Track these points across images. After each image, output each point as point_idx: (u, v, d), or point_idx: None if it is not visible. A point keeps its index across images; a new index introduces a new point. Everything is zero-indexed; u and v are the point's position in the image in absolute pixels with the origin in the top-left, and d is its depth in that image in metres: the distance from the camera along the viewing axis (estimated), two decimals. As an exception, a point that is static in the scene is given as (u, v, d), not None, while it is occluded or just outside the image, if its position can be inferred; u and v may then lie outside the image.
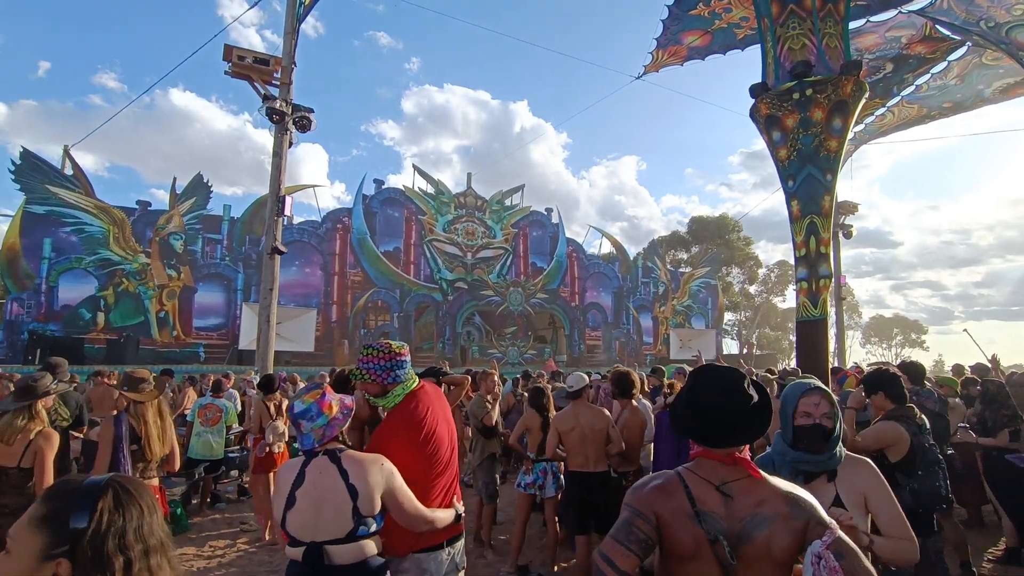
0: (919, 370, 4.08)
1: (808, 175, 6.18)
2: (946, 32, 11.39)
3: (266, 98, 8.73)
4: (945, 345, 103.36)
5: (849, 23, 6.78)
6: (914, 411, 2.84)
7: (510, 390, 7.08)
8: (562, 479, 4.23)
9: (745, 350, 34.12)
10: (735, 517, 1.22)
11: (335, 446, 1.85)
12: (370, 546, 1.79)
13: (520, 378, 7.90)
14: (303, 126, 9.02)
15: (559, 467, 4.28)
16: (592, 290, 25.27)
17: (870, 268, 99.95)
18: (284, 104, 8.77)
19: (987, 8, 10.15)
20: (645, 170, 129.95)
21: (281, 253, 8.88)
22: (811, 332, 6.49)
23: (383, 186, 21.53)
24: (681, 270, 29.76)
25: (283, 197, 8.86)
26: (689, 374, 1.44)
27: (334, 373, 6.48)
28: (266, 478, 5.07)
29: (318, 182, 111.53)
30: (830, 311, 6.98)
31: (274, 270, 8.81)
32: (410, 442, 2.05)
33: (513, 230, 23.51)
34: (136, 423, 3.24)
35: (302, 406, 1.83)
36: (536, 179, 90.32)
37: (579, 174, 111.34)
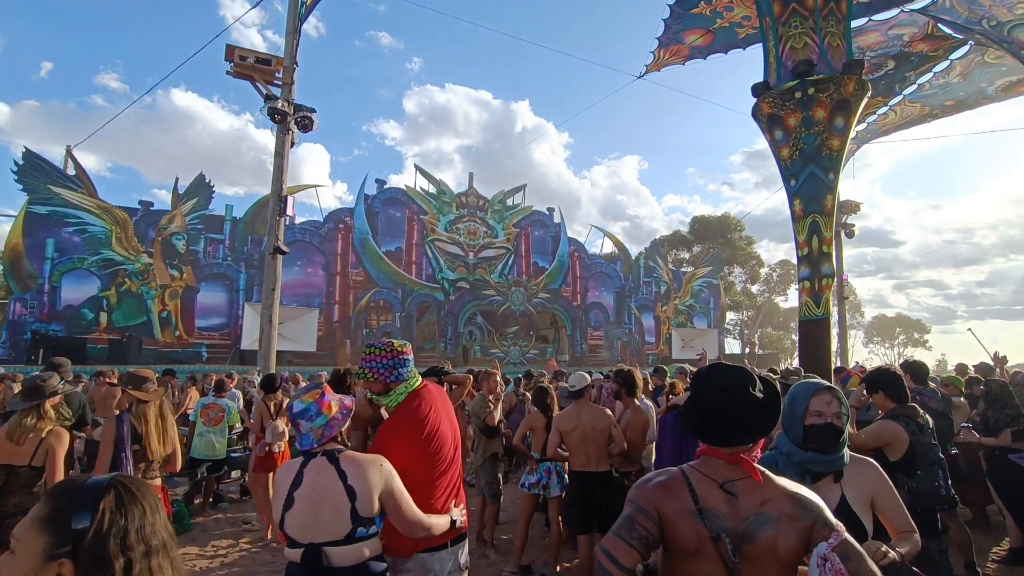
0: (922, 369, 4.07)
1: (810, 174, 6.17)
2: (948, 31, 11.35)
3: (268, 98, 8.73)
4: (948, 344, 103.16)
5: (851, 22, 6.77)
6: (916, 410, 2.82)
7: (511, 390, 7.07)
8: (566, 479, 4.23)
9: (747, 350, 34.04)
10: (739, 516, 1.21)
11: (334, 447, 1.84)
12: (370, 548, 1.77)
13: (522, 378, 7.89)
14: (305, 126, 9.03)
15: (563, 467, 4.28)
16: (594, 290, 25.26)
17: (872, 267, 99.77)
18: (286, 104, 8.77)
19: (989, 7, 10.10)
20: (647, 169, 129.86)
21: (283, 253, 8.89)
22: (813, 331, 6.48)
23: (385, 186, 21.55)
24: (683, 270, 29.74)
25: (285, 197, 8.87)
26: (695, 374, 1.44)
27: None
28: (266, 478, 5.08)
29: (320, 182, 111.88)
30: (832, 310, 6.96)
31: (276, 270, 8.82)
32: (413, 440, 2.05)
33: (515, 230, 23.52)
34: (137, 423, 3.25)
35: (301, 406, 1.82)
36: (538, 179, 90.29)
37: (581, 174, 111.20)
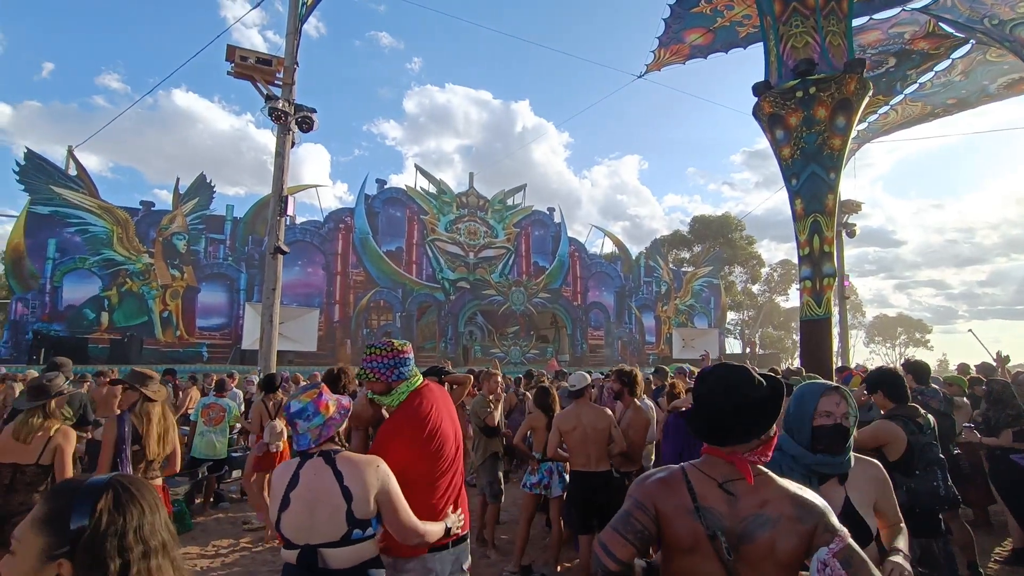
0: (924, 369, 4.05)
1: (812, 173, 6.16)
2: (950, 30, 11.32)
3: (269, 98, 8.73)
4: (949, 344, 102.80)
5: (852, 20, 6.76)
6: (916, 410, 2.80)
7: (511, 390, 7.07)
8: (567, 479, 4.22)
9: (748, 350, 34.03)
10: (738, 516, 1.21)
11: (331, 447, 1.83)
12: (366, 550, 1.74)
13: (523, 378, 7.89)
14: (305, 126, 9.02)
15: (565, 467, 4.28)
16: (594, 289, 25.26)
17: (873, 267, 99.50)
18: (286, 104, 8.77)
19: (991, 5, 10.07)
20: (647, 169, 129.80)
21: (284, 253, 8.89)
22: (815, 331, 6.48)
23: (385, 186, 21.56)
24: (684, 269, 29.72)
25: (286, 197, 8.87)
26: (697, 374, 1.45)
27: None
28: (263, 477, 5.08)
29: (320, 182, 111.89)
30: (833, 310, 6.95)
31: (277, 270, 8.82)
32: (414, 439, 2.05)
33: (515, 230, 23.52)
34: (139, 422, 3.24)
35: (298, 405, 1.81)
36: (538, 179, 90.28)
37: (581, 173, 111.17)
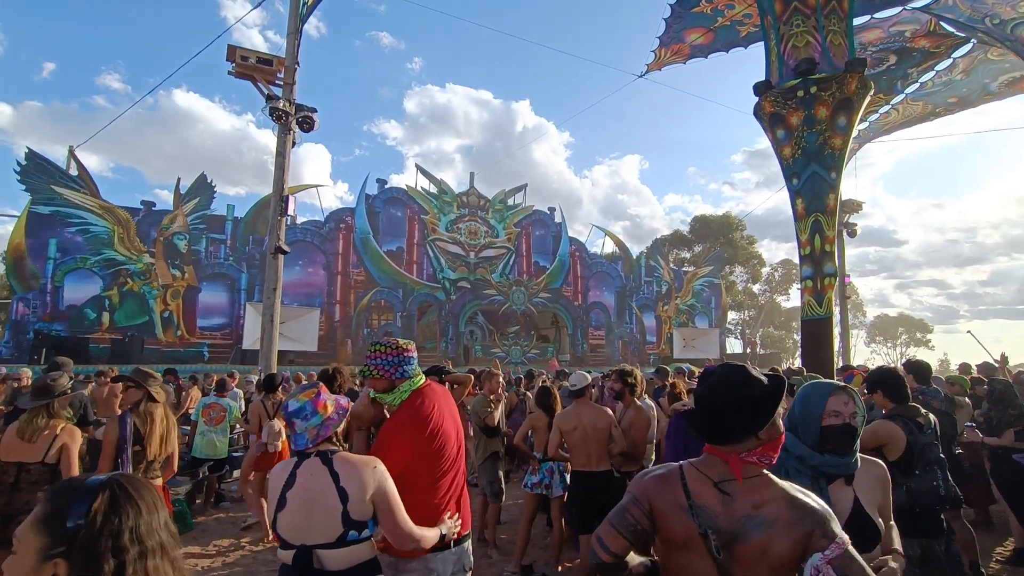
0: (925, 369, 4.04)
1: (813, 173, 6.16)
2: (951, 29, 11.31)
3: (269, 98, 8.73)
4: (951, 344, 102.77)
5: (853, 20, 6.75)
6: (916, 410, 2.79)
7: (512, 390, 7.07)
8: (568, 479, 4.22)
9: (749, 350, 34.03)
10: (733, 516, 1.21)
11: (328, 447, 1.82)
12: (363, 552, 1.73)
13: (523, 378, 7.89)
14: (306, 126, 9.02)
15: (566, 467, 4.27)
16: (595, 289, 25.24)
17: (874, 267, 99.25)
18: (287, 104, 8.77)
19: (992, 5, 10.06)
20: (647, 169, 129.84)
21: (284, 253, 8.90)
22: (816, 331, 6.47)
23: (386, 186, 21.56)
24: (684, 269, 29.70)
25: (286, 197, 8.87)
26: (700, 374, 1.47)
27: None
28: (262, 477, 5.07)
29: (321, 182, 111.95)
30: (834, 310, 6.94)
31: (277, 270, 8.83)
32: (416, 438, 2.05)
33: (516, 229, 23.51)
34: (141, 422, 3.24)
35: (296, 405, 1.80)
36: (538, 178, 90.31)
37: (581, 173, 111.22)
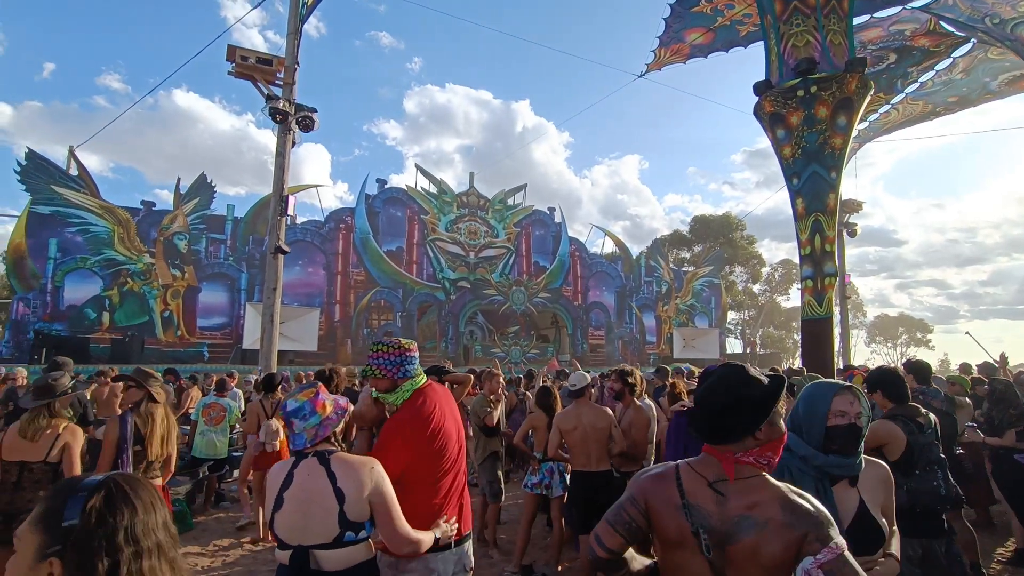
0: (925, 369, 4.04)
1: (813, 173, 6.15)
2: (951, 28, 11.30)
3: (269, 98, 8.73)
4: (951, 344, 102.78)
5: (853, 19, 6.74)
6: (916, 410, 2.79)
7: (512, 389, 7.07)
8: (568, 479, 4.22)
9: (749, 349, 34.03)
10: (726, 516, 1.21)
11: (326, 447, 1.81)
12: (359, 553, 1.72)
13: (523, 377, 7.89)
14: (306, 126, 9.02)
15: (566, 467, 4.27)
16: (595, 289, 25.24)
17: (875, 267, 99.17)
18: (287, 104, 8.77)
19: (992, 4, 10.05)
20: (647, 169, 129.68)
21: (284, 253, 8.89)
22: (816, 330, 6.47)
23: (386, 186, 21.55)
24: (684, 269, 29.70)
25: (286, 197, 8.87)
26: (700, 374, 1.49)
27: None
28: (261, 476, 5.07)
29: (321, 182, 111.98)
30: (835, 310, 6.94)
31: (277, 270, 8.83)
32: (417, 438, 2.05)
33: (516, 229, 23.51)
34: (142, 422, 3.24)
35: (295, 404, 1.79)
36: (538, 178, 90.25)
37: (581, 173, 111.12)
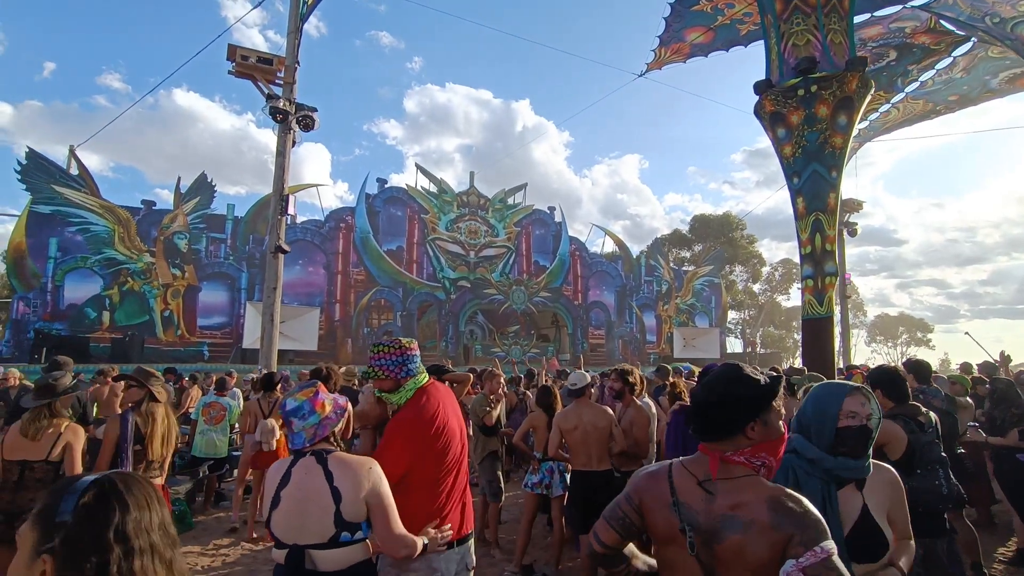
0: (925, 369, 4.03)
1: (813, 172, 6.14)
2: (951, 27, 11.29)
3: (270, 97, 8.74)
4: (951, 343, 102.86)
5: (854, 18, 6.73)
6: (916, 409, 2.78)
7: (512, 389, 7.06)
8: (568, 479, 4.21)
9: (749, 349, 34.01)
10: (712, 514, 1.22)
11: (324, 447, 1.81)
12: (356, 553, 1.71)
13: (523, 377, 7.88)
14: (306, 125, 9.03)
15: (566, 467, 4.27)
16: (595, 288, 25.23)
17: (875, 266, 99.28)
18: (287, 103, 8.78)
19: (992, 4, 10.04)
20: (647, 168, 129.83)
21: (284, 252, 8.90)
22: (817, 330, 6.46)
23: (386, 185, 21.54)
24: (684, 268, 29.68)
25: (286, 196, 8.87)
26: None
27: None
28: (259, 475, 5.08)
29: (321, 181, 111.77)
30: (835, 309, 6.93)
31: (277, 269, 8.83)
32: (422, 437, 2.05)
33: (516, 229, 23.49)
34: (143, 421, 3.24)
35: (294, 403, 1.79)
36: (538, 178, 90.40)
37: (581, 173, 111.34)
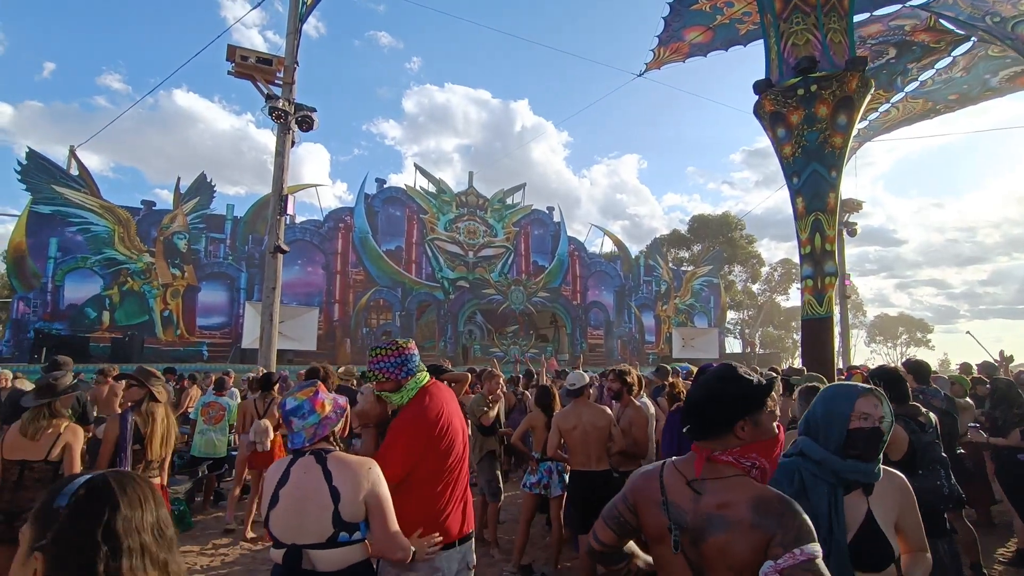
0: (925, 369, 4.03)
1: (813, 172, 6.14)
2: (951, 27, 11.29)
3: (269, 97, 8.74)
4: (951, 344, 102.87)
5: (853, 18, 6.73)
6: (917, 409, 2.79)
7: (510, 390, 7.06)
8: (567, 479, 4.21)
9: (748, 349, 34.00)
10: (700, 513, 1.23)
11: (324, 446, 1.81)
12: (354, 554, 1.71)
13: (523, 377, 7.88)
14: (306, 125, 9.03)
15: (564, 467, 4.27)
16: (594, 288, 25.22)
17: (874, 266, 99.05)
18: (287, 103, 8.77)
19: (993, 3, 10.04)
20: (646, 168, 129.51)
21: (284, 252, 8.90)
22: (816, 330, 6.45)
23: (385, 185, 21.53)
24: (683, 268, 29.68)
25: (286, 196, 8.87)
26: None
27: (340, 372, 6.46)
28: (257, 475, 5.09)
29: (320, 181, 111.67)
30: (835, 309, 6.93)
31: (277, 269, 8.83)
32: (427, 436, 2.05)
33: (514, 229, 23.48)
34: (143, 421, 3.24)
35: (294, 403, 1.79)
36: (537, 178, 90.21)
37: (580, 172, 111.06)
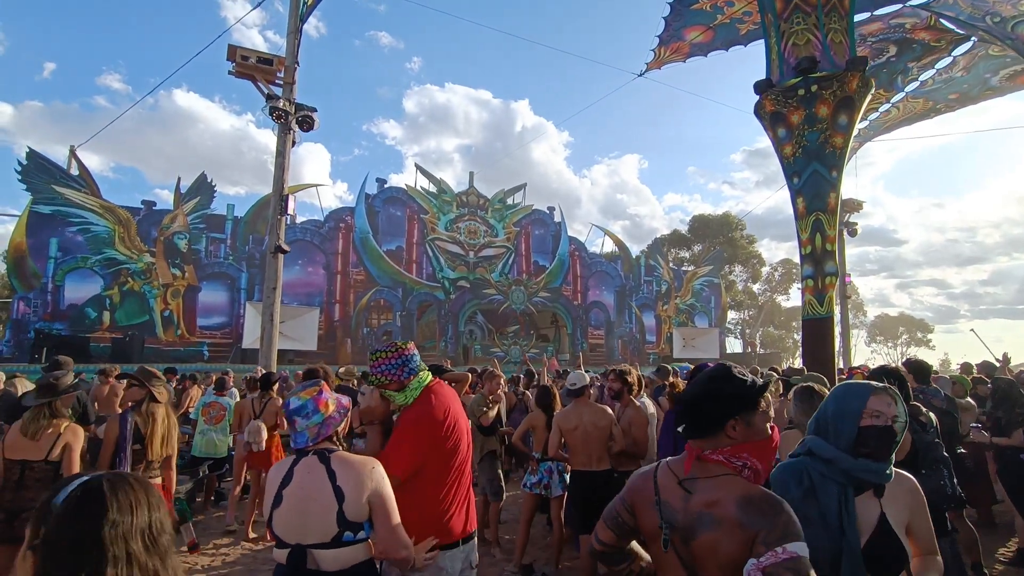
0: (925, 369, 4.03)
1: (813, 172, 6.14)
2: (951, 27, 11.28)
3: (269, 97, 8.74)
4: (951, 344, 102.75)
5: (854, 17, 6.72)
6: (918, 409, 2.78)
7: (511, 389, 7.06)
8: (567, 479, 4.21)
9: (749, 349, 33.99)
10: (690, 512, 1.24)
11: (327, 446, 1.80)
12: (358, 553, 1.70)
13: (523, 376, 7.88)
14: (306, 125, 9.03)
15: (565, 467, 4.26)
16: (594, 288, 25.22)
17: (875, 267, 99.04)
18: (287, 103, 8.78)
19: (993, 3, 10.04)
20: (647, 168, 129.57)
21: (284, 252, 8.90)
22: (817, 330, 6.45)
23: (385, 185, 21.53)
24: (684, 268, 29.67)
25: (286, 196, 8.87)
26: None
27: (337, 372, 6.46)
28: (256, 475, 5.10)
29: (320, 181, 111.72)
30: (835, 309, 6.93)
31: (277, 269, 8.83)
32: (433, 435, 2.05)
33: (515, 229, 23.48)
34: (144, 421, 3.24)
35: (298, 403, 1.78)
36: (538, 178, 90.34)
37: (581, 172, 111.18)
